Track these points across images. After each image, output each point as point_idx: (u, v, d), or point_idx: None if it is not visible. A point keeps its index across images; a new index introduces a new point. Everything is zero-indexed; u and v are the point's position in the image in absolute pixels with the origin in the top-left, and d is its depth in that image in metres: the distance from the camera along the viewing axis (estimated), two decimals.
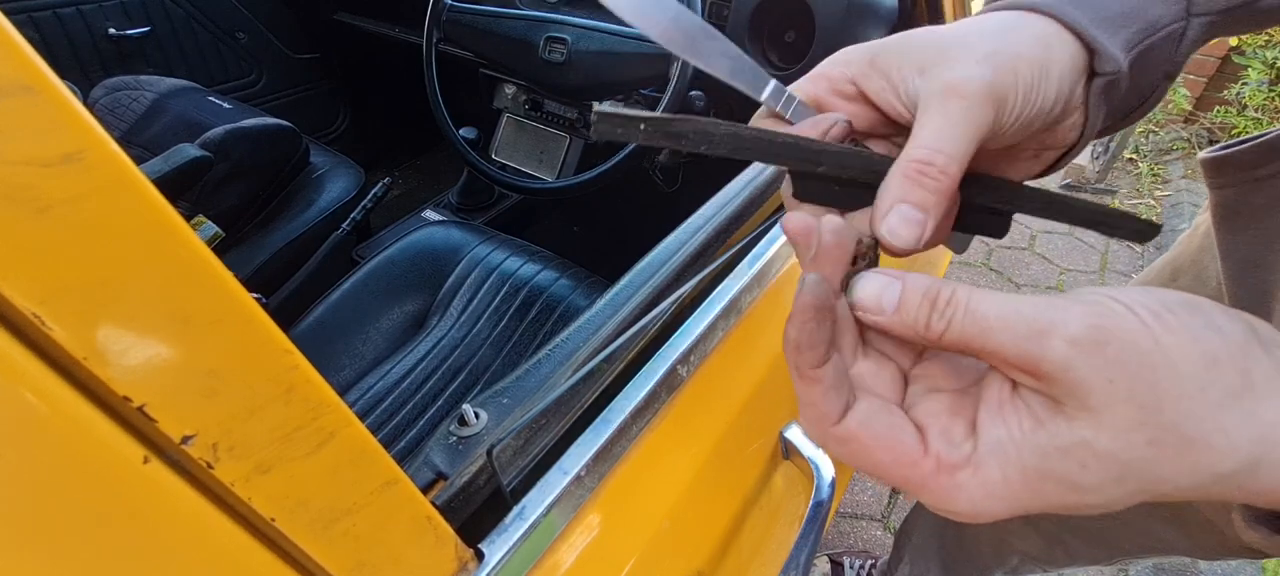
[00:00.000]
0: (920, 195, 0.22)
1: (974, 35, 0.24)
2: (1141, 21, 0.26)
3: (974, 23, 0.26)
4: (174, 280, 0.16)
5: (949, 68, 0.23)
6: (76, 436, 0.15)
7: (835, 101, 0.26)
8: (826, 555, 1.24)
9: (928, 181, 0.22)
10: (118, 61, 1.43)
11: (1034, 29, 0.25)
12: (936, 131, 0.22)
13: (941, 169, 0.22)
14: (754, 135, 0.23)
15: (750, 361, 0.45)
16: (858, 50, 0.26)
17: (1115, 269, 2.00)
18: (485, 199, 1.57)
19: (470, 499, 0.32)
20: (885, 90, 0.25)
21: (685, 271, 0.46)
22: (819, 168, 0.24)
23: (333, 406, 0.20)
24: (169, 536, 0.18)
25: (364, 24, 1.62)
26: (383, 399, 0.81)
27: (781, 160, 0.24)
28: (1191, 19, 0.27)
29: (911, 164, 0.22)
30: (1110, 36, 0.25)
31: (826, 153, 0.24)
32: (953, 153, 0.22)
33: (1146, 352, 0.18)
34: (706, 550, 0.40)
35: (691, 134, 0.22)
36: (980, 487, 0.19)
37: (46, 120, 0.13)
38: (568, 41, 1.07)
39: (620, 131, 0.21)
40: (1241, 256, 0.40)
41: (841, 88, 0.26)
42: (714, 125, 0.22)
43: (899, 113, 0.25)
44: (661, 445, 0.39)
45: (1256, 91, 2.30)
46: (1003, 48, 0.24)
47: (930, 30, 0.25)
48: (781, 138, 0.24)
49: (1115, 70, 0.25)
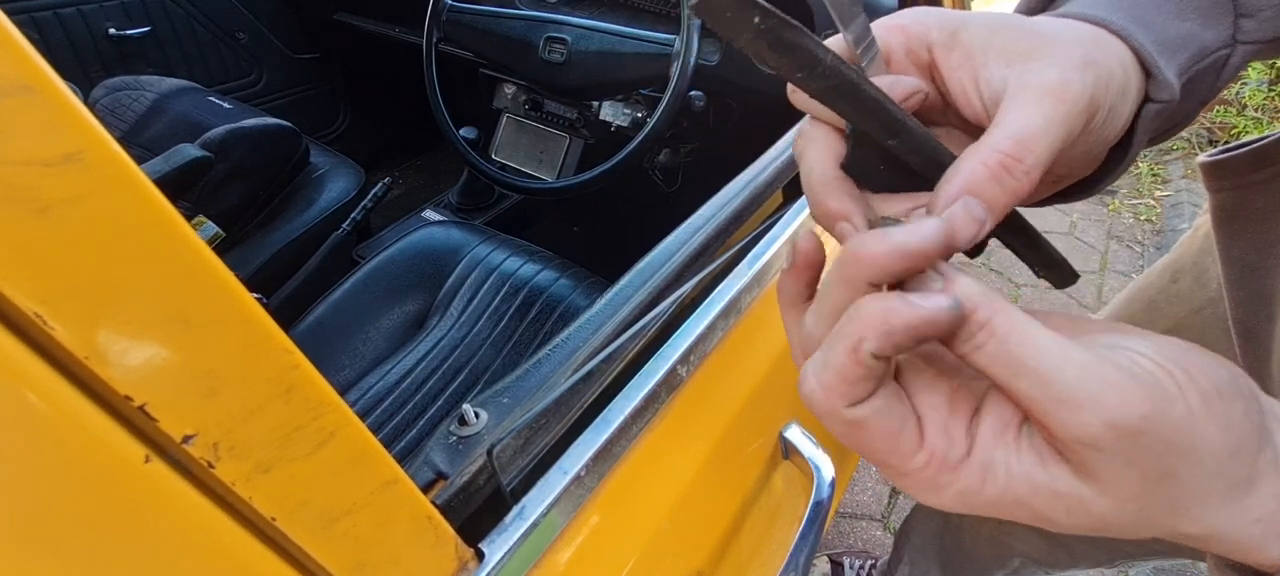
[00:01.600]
0: (995, 193, 0.20)
1: (1067, 38, 0.22)
2: (1194, 47, 0.25)
3: (1058, 24, 0.23)
4: (174, 280, 0.16)
5: (1048, 66, 0.21)
6: (78, 435, 0.15)
7: (905, 64, 0.24)
8: (826, 555, 1.24)
9: (1009, 179, 0.20)
10: (118, 61, 1.43)
11: (1115, 49, 0.23)
12: (1031, 128, 0.20)
13: (1027, 170, 0.20)
14: (855, 82, 0.19)
15: (750, 361, 0.45)
16: (941, 15, 0.23)
17: (1115, 269, 2.00)
18: (485, 199, 1.57)
19: (470, 498, 0.32)
20: (962, 70, 0.22)
21: (685, 271, 0.46)
22: (890, 141, 0.21)
23: (333, 406, 0.20)
24: (170, 535, 0.18)
25: (364, 24, 1.62)
26: (383, 399, 0.81)
27: (866, 121, 0.21)
28: (1238, 45, 0.25)
29: (998, 154, 0.20)
30: (1167, 61, 0.24)
31: (907, 128, 0.21)
32: (1040, 157, 0.20)
33: (1176, 443, 0.17)
34: (706, 550, 0.40)
35: (801, 52, 0.18)
36: (960, 491, 0.19)
37: (47, 120, 0.13)
38: (568, 41, 1.07)
39: (729, 16, 0.17)
40: (1241, 259, 0.40)
41: (916, 50, 0.23)
42: (824, 52, 0.19)
43: (969, 101, 0.22)
44: (661, 445, 0.39)
45: (1256, 91, 2.30)
46: (1098, 59, 0.22)
47: (1020, 18, 0.23)
48: (877, 94, 0.20)
49: (1170, 99, 0.23)
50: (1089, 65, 0.21)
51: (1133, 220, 2.20)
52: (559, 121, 1.31)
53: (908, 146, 0.21)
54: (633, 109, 1.19)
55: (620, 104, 1.20)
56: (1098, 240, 2.11)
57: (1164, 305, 0.53)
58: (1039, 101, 0.20)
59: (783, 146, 0.61)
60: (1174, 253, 0.55)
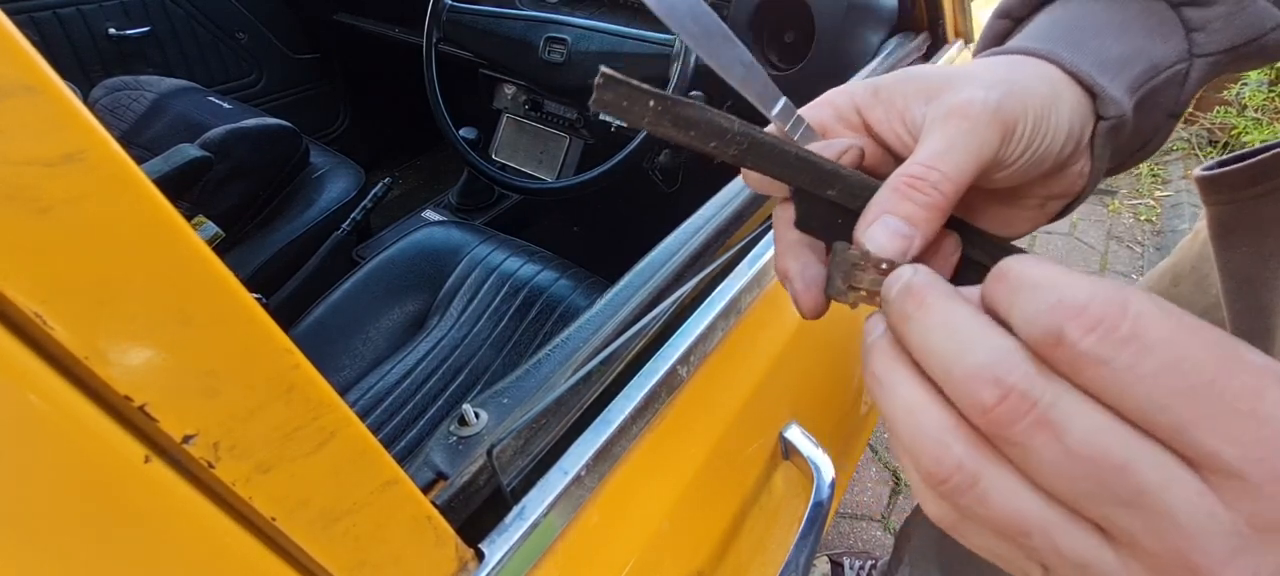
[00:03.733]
0: (908, 209, 0.21)
1: (981, 68, 0.24)
2: (1143, 63, 0.25)
3: (977, 62, 0.25)
4: (175, 280, 0.16)
5: (954, 93, 0.23)
6: (78, 435, 0.15)
7: (840, 130, 0.26)
8: (826, 555, 1.24)
9: (918, 195, 0.21)
10: (118, 61, 1.44)
11: (1038, 70, 0.24)
12: (933, 149, 0.22)
13: (934, 184, 0.21)
14: (771, 142, 0.21)
15: (750, 361, 0.45)
16: (860, 82, 0.26)
17: (1115, 269, 2.00)
18: (485, 199, 1.57)
19: (470, 499, 0.32)
20: (889, 119, 0.24)
21: (685, 272, 0.46)
22: (830, 192, 0.23)
23: (333, 406, 0.20)
24: (170, 535, 0.18)
25: (364, 24, 1.62)
26: (383, 399, 0.81)
27: (795, 176, 0.22)
28: (1194, 59, 0.26)
29: (903, 177, 0.22)
30: (1111, 80, 0.25)
31: (841, 176, 0.23)
32: (948, 171, 0.21)
33: None
34: (706, 550, 0.40)
35: (703, 125, 0.20)
36: None
37: (48, 120, 0.13)
38: (568, 42, 1.07)
39: (626, 105, 0.19)
40: (1238, 272, 0.40)
41: (846, 116, 0.26)
42: (728, 121, 0.20)
43: (904, 144, 0.24)
44: (661, 445, 0.39)
45: (1256, 92, 2.30)
46: (1011, 78, 0.23)
47: (933, 66, 0.25)
48: (798, 151, 0.22)
49: (1119, 114, 0.24)
50: (995, 84, 0.22)
51: (1132, 220, 2.20)
52: (559, 121, 1.31)
53: (848, 193, 0.23)
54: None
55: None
56: (1098, 240, 2.11)
57: None
58: (943, 123, 0.22)
59: None
60: (1174, 256, 0.55)
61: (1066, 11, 0.27)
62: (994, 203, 0.27)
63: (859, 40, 0.91)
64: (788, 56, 1.02)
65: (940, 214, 0.21)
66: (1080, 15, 0.27)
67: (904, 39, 0.86)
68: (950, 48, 0.88)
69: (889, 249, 0.21)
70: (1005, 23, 0.30)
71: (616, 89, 0.19)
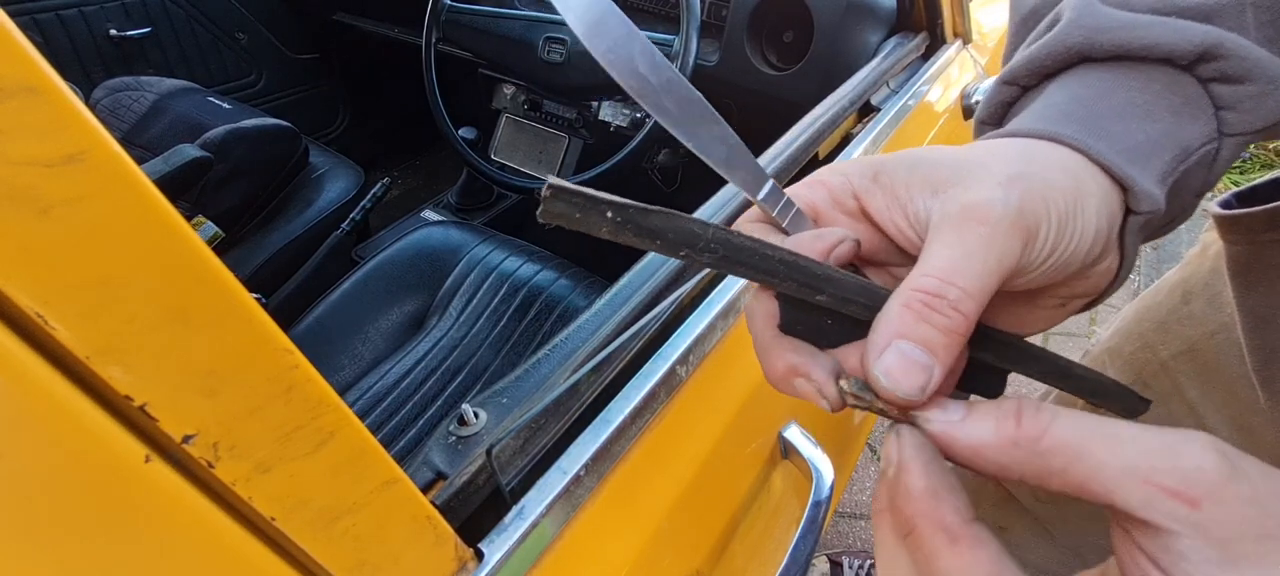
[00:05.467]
0: (926, 333, 0.18)
1: (992, 156, 0.21)
2: (1174, 149, 0.23)
3: (987, 146, 0.22)
4: (175, 280, 0.16)
5: (967, 188, 0.20)
6: (78, 435, 0.15)
7: (834, 215, 0.23)
8: (826, 555, 1.24)
9: (935, 316, 0.18)
10: (119, 62, 1.44)
11: (1058, 158, 0.21)
12: (950, 260, 0.18)
13: (954, 304, 0.18)
14: (750, 246, 0.19)
15: (749, 361, 0.45)
16: (860, 162, 0.23)
17: None
18: (484, 199, 1.58)
19: (470, 498, 0.32)
20: (890, 210, 0.22)
21: (685, 271, 0.46)
22: (818, 297, 0.20)
23: (333, 406, 0.20)
24: (170, 535, 0.18)
25: (364, 24, 1.62)
26: (382, 398, 0.81)
27: (779, 281, 0.19)
28: (1224, 138, 0.24)
29: (916, 293, 0.18)
30: (1142, 170, 0.22)
31: (832, 279, 0.20)
32: (968, 287, 0.18)
33: None
34: (705, 550, 0.40)
35: (670, 234, 0.17)
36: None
37: (49, 121, 0.14)
38: (567, 42, 1.07)
39: (579, 217, 0.16)
40: (1255, 310, 0.39)
41: (842, 199, 0.23)
42: (701, 227, 0.18)
43: (906, 237, 0.22)
44: (661, 445, 0.39)
45: None
46: (1029, 172, 0.20)
47: (941, 148, 0.22)
48: (782, 253, 0.19)
49: (1152, 210, 0.22)
50: (1015, 180, 0.20)
51: None
52: (558, 121, 1.31)
53: (841, 297, 0.20)
54: (632, 109, 1.19)
55: (619, 104, 1.20)
56: None
57: (1176, 326, 0.52)
58: (958, 228, 0.19)
59: (781, 146, 0.61)
60: (1183, 271, 0.53)
61: (1083, 86, 0.24)
62: (1008, 302, 0.24)
63: (858, 40, 0.91)
64: (787, 56, 1.02)
65: (960, 339, 0.18)
66: (1100, 92, 0.24)
67: (903, 39, 0.86)
68: (949, 48, 0.88)
69: (905, 385, 0.18)
70: (1012, 90, 0.27)
71: (568, 200, 0.16)
